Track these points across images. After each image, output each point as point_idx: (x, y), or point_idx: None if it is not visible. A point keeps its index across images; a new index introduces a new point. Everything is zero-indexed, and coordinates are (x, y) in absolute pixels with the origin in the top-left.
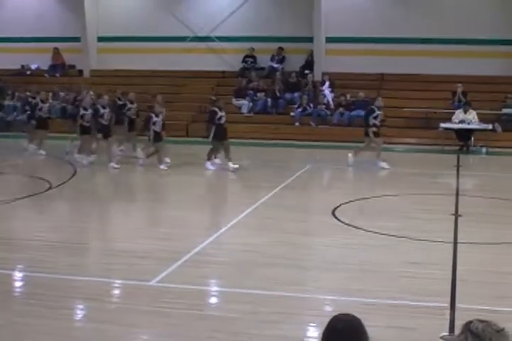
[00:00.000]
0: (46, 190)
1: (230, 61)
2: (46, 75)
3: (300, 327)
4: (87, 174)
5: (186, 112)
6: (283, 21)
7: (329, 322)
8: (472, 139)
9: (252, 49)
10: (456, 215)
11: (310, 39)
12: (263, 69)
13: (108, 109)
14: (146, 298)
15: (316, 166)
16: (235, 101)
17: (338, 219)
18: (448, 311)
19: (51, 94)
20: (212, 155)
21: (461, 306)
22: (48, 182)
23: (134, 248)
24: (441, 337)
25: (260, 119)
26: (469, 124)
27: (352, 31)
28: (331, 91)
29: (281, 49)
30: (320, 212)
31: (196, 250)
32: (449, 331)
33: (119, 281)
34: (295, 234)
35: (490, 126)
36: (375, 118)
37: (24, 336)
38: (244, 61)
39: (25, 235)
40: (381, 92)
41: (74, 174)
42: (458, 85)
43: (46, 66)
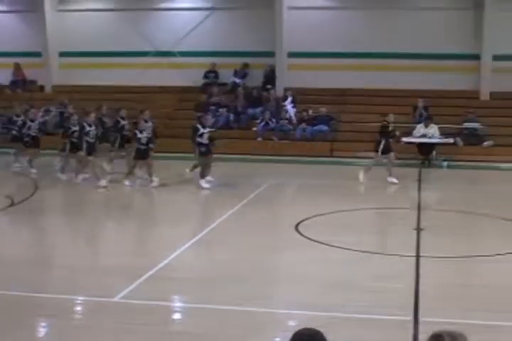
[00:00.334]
0: (8, 206)
1: (193, 76)
2: (8, 90)
3: None
4: (51, 190)
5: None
6: (245, 36)
7: (292, 336)
8: (434, 153)
9: (214, 64)
10: (418, 229)
11: (272, 54)
12: (225, 84)
13: (94, 127)
14: (110, 315)
15: (279, 181)
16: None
17: (302, 234)
18: (411, 324)
19: (43, 110)
20: (203, 172)
21: (424, 319)
22: (10, 198)
23: (98, 264)
24: None
25: (223, 134)
26: (431, 138)
27: (314, 46)
28: (294, 106)
29: (246, 65)
30: (283, 227)
31: (160, 266)
32: None
33: (83, 298)
34: (259, 250)
35: (451, 140)
36: (389, 134)
37: None
38: (206, 76)
39: None
40: (343, 107)
41: (35, 191)
42: (419, 100)
43: (7, 81)
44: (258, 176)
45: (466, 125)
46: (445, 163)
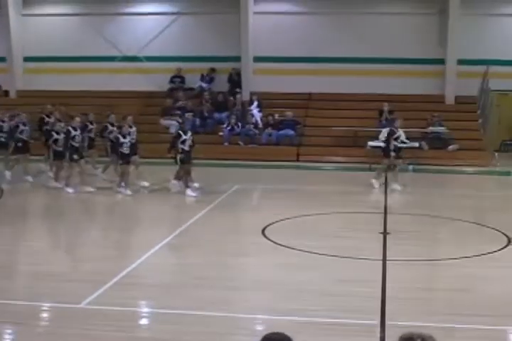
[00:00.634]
0: None
1: (159, 81)
2: None
3: None
4: (15, 195)
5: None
6: (211, 41)
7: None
8: None
9: (180, 69)
10: (384, 233)
11: (238, 58)
12: (192, 89)
13: (79, 131)
14: (76, 321)
15: (246, 186)
16: (163, 121)
17: (268, 238)
18: (378, 328)
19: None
20: (186, 181)
21: (391, 323)
22: None
23: (62, 270)
24: None
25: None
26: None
27: (279, 51)
28: (259, 110)
29: (212, 69)
30: (250, 232)
31: (125, 272)
32: None
33: (48, 304)
34: (225, 254)
35: (417, 144)
36: (396, 139)
37: None
38: (172, 81)
39: None
40: (309, 112)
41: (0, 197)
42: (384, 104)
43: None
44: (224, 181)
45: (432, 129)
46: (410, 167)
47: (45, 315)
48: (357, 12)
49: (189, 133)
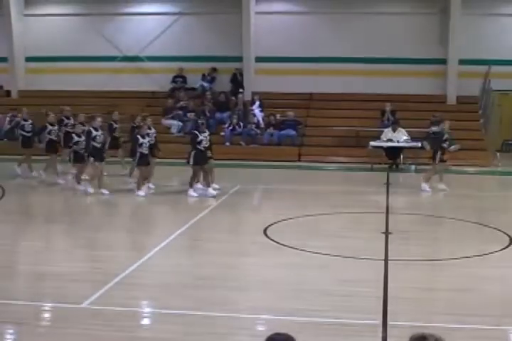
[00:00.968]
0: None
1: (160, 81)
2: None
3: None
4: (16, 195)
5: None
6: (212, 41)
7: None
8: (401, 157)
9: (181, 69)
10: (386, 233)
11: (239, 58)
12: (193, 89)
13: (101, 132)
14: (77, 321)
15: (247, 186)
16: (165, 121)
17: (270, 238)
18: (380, 328)
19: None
20: (193, 181)
21: (392, 323)
22: None
23: (64, 271)
24: None
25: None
26: (398, 142)
27: (281, 51)
28: (261, 110)
29: (213, 69)
30: (251, 232)
31: (127, 272)
32: None
33: (50, 305)
34: (227, 255)
35: (419, 144)
36: (444, 142)
37: None
38: (173, 81)
39: None
40: (310, 112)
41: (2, 196)
42: (387, 104)
43: None
44: (226, 181)
45: (433, 129)
46: (413, 167)
47: (46, 315)
48: (358, 12)
49: (206, 132)
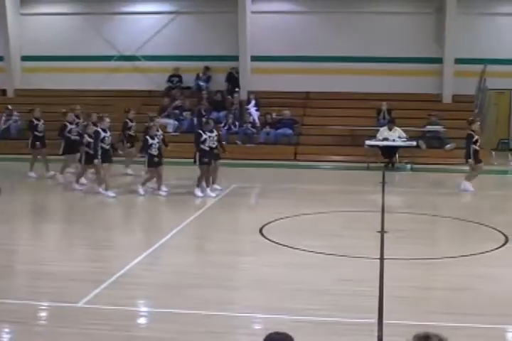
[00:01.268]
0: None
1: (157, 80)
2: None
3: None
4: (12, 194)
5: (112, 132)
6: (208, 40)
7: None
8: (397, 156)
9: (178, 68)
10: (382, 232)
11: (235, 58)
12: (189, 88)
13: (109, 133)
14: (74, 320)
15: (243, 185)
16: (160, 119)
17: (266, 237)
18: (376, 327)
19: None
20: (201, 181)
21: (388, 322)
22: None
23: (60, 270)
24: None
25: (186, 138)
26: (394, 141)
27: (277, 50)
28: (257, 109)
29: (207, 68)
30: (248, 231)
31: (123, 271)
32: None
33: (46, 304)
34: (223, 254)
35: (414, 143)
36: (475, 143)
37: None
38: (169, 80)
39: None
40: (306, 110)
41: None
42: (383, 103)
43: None
44: (222, 180)
45: (429, 128)
46: (409, 166)
47: (43, 314)
48: (354, 11)
49: (214, 132)
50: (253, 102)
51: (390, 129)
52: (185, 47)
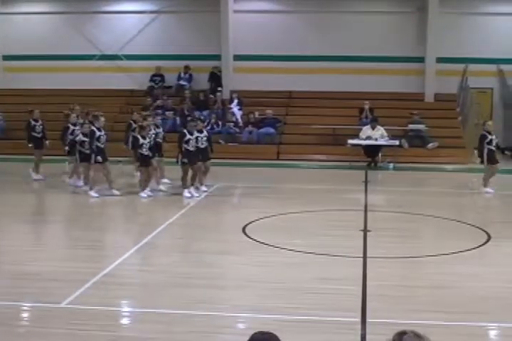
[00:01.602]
0: None
1: (139, 79)
2: None
3: None
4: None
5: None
6: (191, 39)
7: (249, 340)
8: (380, 155)
9: (159, 67)
10: (365, 231)
11: (218, 57)
12: (171, 87)
13: (104, 131)
14: (57, 321)
15: (226, 184)
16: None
17: (249, 236)
18: (359, 326)
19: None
20: (185, 181)
21: (372, 321)
22: None
23: (43, 270)
24: None
25: (169, 138)
26: (376, 140)
27: (259, 49)
28: (240, 108)
29: (187, 67)
30: (231, 230)
31: (106, 271)
32: None
33: (29, 304)
34: (206, 253)
35: (397, 142)
36: (489, 143)
37: None
38: (152, 80)
39: None
40: (289, 110)
41: None
42: (365, 102)
43: None
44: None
45: (412, 127)
46: (391, 165)
47: (25, 315)
48: (337, 11)
49: (203, 132)
50: (236, 101)
51: (373, 128)
52: (167, 46)
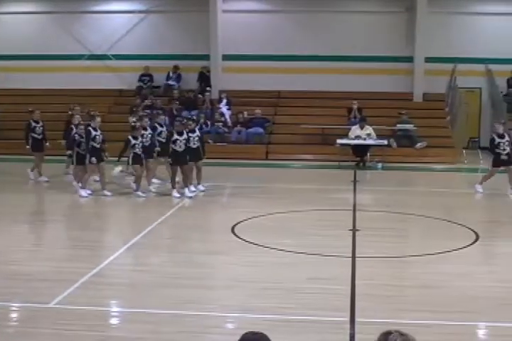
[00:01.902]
0: None
1: (128, 79)
2: None
3: None
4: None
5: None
6: (179, 39)
7: (239, 340)
8: (368, 155)
9: (148, 67)
10: (353, 230)
11: (207, 57)
12: (159, 87)
13: (99, 131)
14: (46, 321)
15: (215, 184)
16: (131, 119)
17: (238, 236)
18: (348, 325)
19: None
20: (174, 182)
21: (360, 320)
22: None
23: (31, 270)
24: None
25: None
26: (365, 140)
27: (248, 49)
28: (229, 108)
29: (176, 67)
30: (219, 230)
31: (95, 271)
32: None
33: (17, 304)
34: (195, 253)
35: (385, 142)
36: (498, 146)
37: None
38: (140, 80)
39: None
40: (278, 109)
41: None
42: (354, 102)
43: None
44: (193, 179)
45: (400, 126)
46: (380, 165)
47: (14, 316)
48: (325, 10)
49: (195, 132)
50: (224, 101)
51: (362, 128)
52: (156, 46)
